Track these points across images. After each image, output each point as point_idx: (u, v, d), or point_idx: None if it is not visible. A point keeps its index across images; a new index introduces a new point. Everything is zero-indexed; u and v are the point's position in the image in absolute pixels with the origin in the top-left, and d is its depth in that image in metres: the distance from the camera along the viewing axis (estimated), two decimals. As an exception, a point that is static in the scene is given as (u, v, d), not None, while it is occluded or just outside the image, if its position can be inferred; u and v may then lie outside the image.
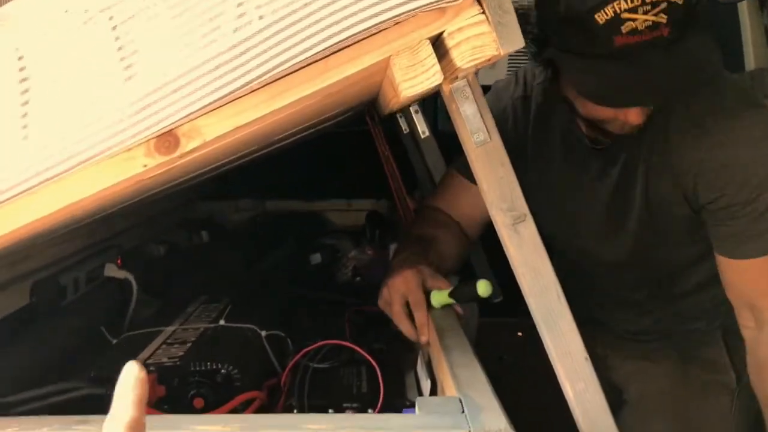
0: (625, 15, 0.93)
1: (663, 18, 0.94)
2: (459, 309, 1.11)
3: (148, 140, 0.65)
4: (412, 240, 1.27)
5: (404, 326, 1.08)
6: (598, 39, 0.95)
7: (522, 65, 1.37)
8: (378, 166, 1.88)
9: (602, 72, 0.97)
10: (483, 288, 1.00)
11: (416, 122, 1.64)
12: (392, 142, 1.88)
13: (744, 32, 1.89)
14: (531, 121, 1.27)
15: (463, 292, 1.05)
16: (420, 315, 1.06)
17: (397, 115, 1.81)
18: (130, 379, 0.44)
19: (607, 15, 0.93)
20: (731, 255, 1.10)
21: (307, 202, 2.13)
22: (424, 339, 1.04)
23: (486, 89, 1.39)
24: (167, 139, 0.65)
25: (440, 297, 1.08)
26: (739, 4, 1.84)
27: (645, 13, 0.93)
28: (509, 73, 1.53)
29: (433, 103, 2.15)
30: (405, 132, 1.85)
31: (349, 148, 2.04)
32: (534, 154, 1.26)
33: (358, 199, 2.13)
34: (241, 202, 2.12)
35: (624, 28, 0.93)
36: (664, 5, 0.93)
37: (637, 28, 0.93)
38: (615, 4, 0.93)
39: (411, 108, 1.73)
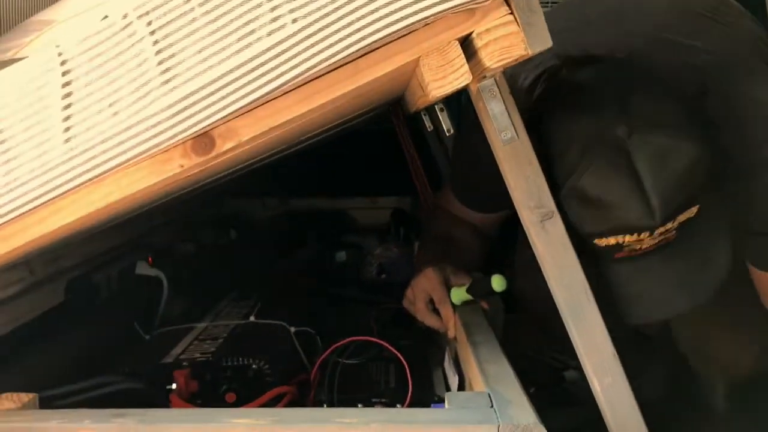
0: (629, 243, 0.85)
1: (673, 234, 0.85)
2: (484, 303, 1.11)
3: (184, 141, 0.66)
4: (432, 240, 1.28)
5: (430, 321, 1.09)
6: (596, 250, 0.88)
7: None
8: (402, 163, 1.89)
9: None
10: (497, 282, 1.01)
11: (441, 120, 1.64)
12: (417, 140, 1.89)
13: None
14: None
15: (478, 287, 1.06)
16: (445, 310, 1.07)
17: (422, 113, 1.82)
18: None
19: (608, 242, 0.85)
20: (760, 266, 1.03)
21: (332, 200, 2.14)
22: (451, 333, 1.05)
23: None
24: (203, 141, 0.67)
25: (459, 293, 1.09)
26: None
27: (653, 238, 0.84)
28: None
29: (457, 101, 2.16)
30: (429, 130, 1.86)
31: (374, 146, 2.05)
32: None
33: (383, 197, 2.14)
34: (268, 200, 2.14)
35: (626, 250, 0.86)
36: (678, 224, 0.84)
37: (641, 248, 0.86)
38: (621, 237, 0.84)
39: (436, 106, 1.73)
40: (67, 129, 0.64)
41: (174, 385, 0.94)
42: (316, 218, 2.05)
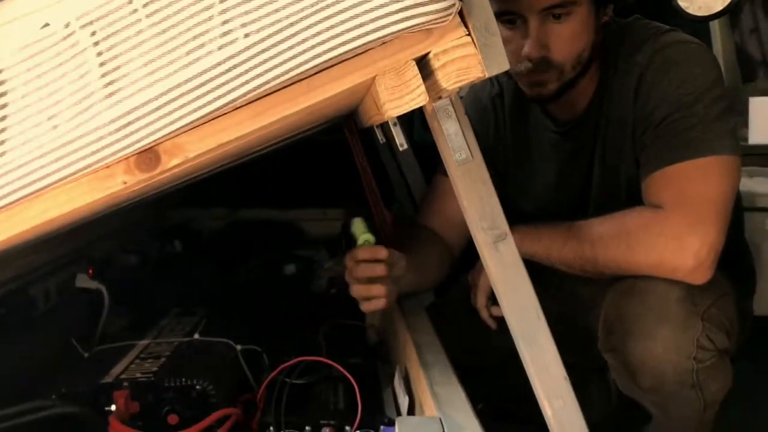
0: None
1: None
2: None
3: (128, 157, 0.63)
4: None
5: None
6: None
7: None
8: (354, 174, 1.87)
9: None
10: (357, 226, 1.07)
11: (395, 135, 1.62)
12: (369, 151, 1.88)
13: (715, 49, 1.92)
14: (507, 115, 1.33)
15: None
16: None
17: (374, 125, 1.80)
18: None
19: None
20: (651, 170, 1.09)
21: (282, 211, 2.11)
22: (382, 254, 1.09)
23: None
24: (148, 156, 0.64)
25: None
26: (711, 22, 1.88)
27: None
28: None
29: (409, 113, 2.15)
30: (382, 142, 1.84)
31: (326, 156, 2.03)
32: (514, 143, 1.33)
33: (334, 208, 2.12)
34: (215, 210, 2.10)
35: None
36: None
37: None
38: None
39: (389, 120, 1.71)
40: (2, 142, 0.61)
41: (113, 407, 0.91)
42: (265, 229, 2.02)
